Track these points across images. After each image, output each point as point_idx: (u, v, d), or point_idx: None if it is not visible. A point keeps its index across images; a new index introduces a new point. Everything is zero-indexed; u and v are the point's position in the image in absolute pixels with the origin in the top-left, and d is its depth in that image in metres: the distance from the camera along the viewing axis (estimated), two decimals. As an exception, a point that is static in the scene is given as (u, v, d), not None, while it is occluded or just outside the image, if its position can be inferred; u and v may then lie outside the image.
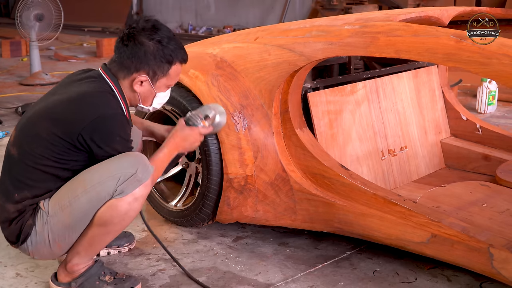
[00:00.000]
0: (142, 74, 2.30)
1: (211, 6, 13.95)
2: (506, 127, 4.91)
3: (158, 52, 2.28)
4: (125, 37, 2.29)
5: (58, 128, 2.20)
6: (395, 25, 2.41)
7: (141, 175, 2.19)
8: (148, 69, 2.30)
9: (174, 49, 2.32)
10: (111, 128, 2.21)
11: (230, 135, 2.69)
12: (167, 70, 2.33)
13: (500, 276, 2.24)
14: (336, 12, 10.55)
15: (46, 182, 2.25)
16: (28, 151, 2.23)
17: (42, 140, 2.21)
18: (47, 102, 2.30)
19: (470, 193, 2.93)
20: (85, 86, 2.28)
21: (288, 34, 2.71)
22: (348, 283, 2.49)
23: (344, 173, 2.59)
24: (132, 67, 2.30)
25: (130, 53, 2.28)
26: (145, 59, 2.28)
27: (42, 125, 2.23)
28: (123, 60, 2.30)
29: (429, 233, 2.38)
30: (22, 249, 2.32)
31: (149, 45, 2.28)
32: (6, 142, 4.52)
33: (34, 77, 6.98)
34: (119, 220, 2.22)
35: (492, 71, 2.12)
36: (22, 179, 2.24)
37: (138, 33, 2.28)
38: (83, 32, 12.64)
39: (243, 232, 2.96)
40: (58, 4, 6.62)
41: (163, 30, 2.31)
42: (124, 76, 2.32)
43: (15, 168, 2.26)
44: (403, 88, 3.31)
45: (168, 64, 2.32)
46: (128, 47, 2.28)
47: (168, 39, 2.31)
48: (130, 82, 2.32)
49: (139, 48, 2.27)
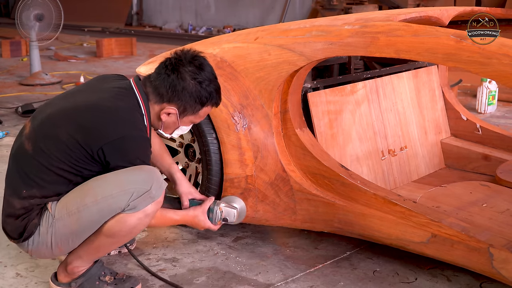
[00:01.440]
0: (172, 107, 2.30)
1: (211, 6, 13.96)
2: (506, 127, 4.91)
3: (196, 93, 2.29)
4: (170, 67, 2.28)
5: (80, 135, 2.17)
6: (395, 25, 2.41)
7: (155, 192, 2.19)
8: (180, 104, 2.30)
9: (211, 93, 2.32)
10: (134, 150, 2.21)
11: (230, 135, 2.69)
12: (197, 110, 2.33)
13: (500, 276, 2.24)
14: (336, 12, 10.56)
15: (57, 185, 2.22)
16: (44, 150, 2.20)
17: (60, 143, 2.18)
18: (74, 103, 2.26)
19: (470, 193, 2.93)
20: (116, 98, 2.25)
21: (288, 34, 2.71)
22: (348, 283, 2.49)
23: (344, 173, 2.59)
24: (165, 97, 2.29)
25: (169, 84, 2.27)
26: (181, 95, 2.28)
27: (63, 127, 2.19)
28: (160, 87, 2.29)
29: (429, 233, 2.38)
30: (21, 246, 2.31)
31: (190, 83, 2.27)
32: (6, 142, 4.54)
33: (34, 77, 6.98)
34: (126, 233, 2.22)
35: (492, 71, 2.12)
36: (33, 177, 2.21)
37: (183, 67, 2.28)
38: (83, 32, 12.64)
39: (243, 232, 2.96)
40: (58, 4, 6.62)
41: (207, 72, 2.31)
42: (156, 102, 2.31)
43: (28, 164, 2.23)
44: (403, 88, 3.31)
45: (201, 106, 2.32)
46: (169, 77, 2.27)
47: (209, 82, 2.31)
48: (159, 109, 2.32)
49: (179, 83, 2.27)
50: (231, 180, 2.72)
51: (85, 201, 2.18)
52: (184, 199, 2.56)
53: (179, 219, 2.51)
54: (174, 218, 2.49)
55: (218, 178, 2.77)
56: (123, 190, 2.15)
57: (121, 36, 10.96)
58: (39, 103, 5.71)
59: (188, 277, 2.53)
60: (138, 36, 11.45)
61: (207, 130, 2.74)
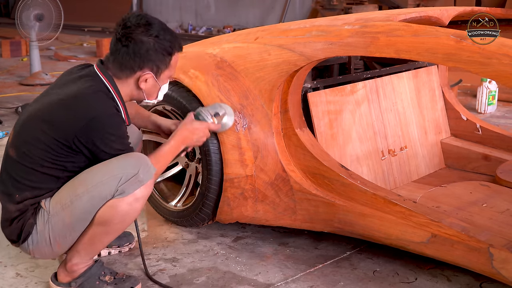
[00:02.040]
0: (146, 71, 2.31)
1: (211, 6, 13.96)
2: (506, 127, 4.91)
3: (159, 47, 2.29)
4: (123, 38, 2.28)
5: (54, 131, 2.20)
6: (395, 25, 2.41)
7: (142, 175, 2.19)
8: (152, 65, 2.30)
9: (171, 40, 2.32)
10: (107, 129, 2.21)
11: (230, 135, 2.69)
12: (168, 62, 2.34)
13: (500, 276, 2.24)
14: (336, 12, 10.56)
15: (47, 183, 2.25)
16: (26, 153, 2.23)
17: (39, 143, 2.22)
18: (42, 104, 2.30)
19: (470, 193, 2.93)
20: (78, 86, 2.26)
21: (288, 34, 2.71)
22: (348, 283, 2.49)
23: (344, 173, 2.59)
24: (135, 66, 2.29)
25: (131, 53, 2.27)
26: (147, 56, 2.28)
27: (38, 128, 2.23)
28: (124, 61, 2.29)
29: (429, 233, 2.38)
30: (22, 248, 2.32)
31: (149, 41, 2.27)
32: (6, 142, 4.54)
33: (34, 77, 6.98)
34: (119, 220, 2.22)
35: (492, 71, 2.12)
36: (22, 181, 2.24)
37: (134, 31, 2.27)
38: (83, 32, 12.64)
39: (243, 232, 2.96)
40: (58, 4, 6.62)
41: (156, 24, 2.31)
42: (127, 76, 2.31)
43: (15, 170, 2.26)
44: (403, 88, 3.31)
45: (169, 56, 2.33)
46: (128, 47, 2.27)
47: (164, 32, 2.31)
48: (135, 81, 2.32)
49: (140, 47, 2.27)
50: (231, 180, 2.72)
51: (76, 192, 2.20)
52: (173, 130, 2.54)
53: (174, 143, 2.42)
54: (169, 145, 2.40)
55: (218, 178, 2.77)
56: (111, 176, 2.17)
57: (121, 36, 10.94)
58: (39, 103, 5.72)
59: (188, 277, 2.53)
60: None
61: (207, 130, 2.74)
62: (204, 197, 2.82)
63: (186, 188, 3.02)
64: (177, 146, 2.44)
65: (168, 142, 2.42)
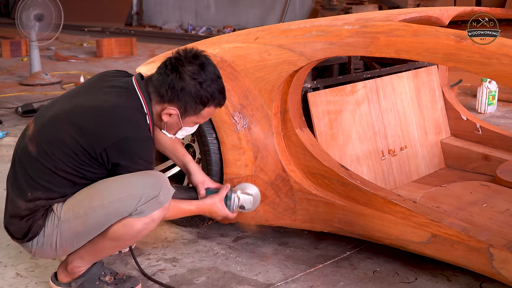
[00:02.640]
0: (173, 107, 2.26)
1: (211, 6, 13.96)
2: (506, 127, 4.91)
3: (196, 93, 2.24)
4: (170, 66, 2.24)
5: (83, 138, 2.15)
6: (395, 25, 2.41)
7: (162, 197, 2.19)
8: (180, 105, 2.26)
9: (213, 93, 2.26)
10: (137, 151, 2.18)
11: (230, 135, 2.69)
12: (199, 110, 2.29)
13: (500, 276, 2.24)
14: (336, 12, 10.56)
15: (63, 187, 2.21)
16: (48, 152, 2.18)
17: (64, 146, 2.16)
18: (71, 105, 2.24)
19: (470, 193, 2.93)
20: (117, 98, 2.22)
21: (288, 34, 2.71)
22: (348, 283, 2.49)
23: (344, 173, 2.59)
24: (166, 98, 2.25)
25: (168, 84, 2.23)
26: (181, 95, 2.24)
27: (65, 130, 2.17)
28: (160, 87, 2.25)
29: (429, 233, 2.38)
30: (24, 246, 2.30)
31: (189, 84, 2.22)
32: (6, 142, 4.54)
33: (34, 77, 6.98)
34: (131, 237, 2.23)
35: (492, 71, 2.12)
36: (37, 180, 2.20)
37: (182, 67, 2.23)
38: (83, 32, 12.63)
39: (243, 232, 2.96)
40: (58, 4, 6.62)
41: (208, 72, 2.26)
42: (157, 102, 2.27)
43: (31, 167, 2.21)
44: (403, 88, 3.31)
45: (202, 106, 2.28)
46: (168, 77, 2.24)
47: (211, 82, 2.25)
48: (160, 110, 2.28)
49: (178, 83, 2.22)
50: (231, 180, 2.72)
51: (92, 204, 2.17)
52: (200, 188, 2.54)
53: (194, 210, 2.49)
54: (189, 208, 2.47)
55: (218, 178, 2.76)
56: (131, 194, 2.15)
57: (121, 36, 10.96)
58: (39, 103, 5.72)
59: (188, 277, 2.53)
60: (138, 36, 11.45)
61: (207, 130, 2.74)
62: (204, 197, 2.82)
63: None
64: (194, 213, 2.53)
65: (191, 204, 2.47)
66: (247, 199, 2.59)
